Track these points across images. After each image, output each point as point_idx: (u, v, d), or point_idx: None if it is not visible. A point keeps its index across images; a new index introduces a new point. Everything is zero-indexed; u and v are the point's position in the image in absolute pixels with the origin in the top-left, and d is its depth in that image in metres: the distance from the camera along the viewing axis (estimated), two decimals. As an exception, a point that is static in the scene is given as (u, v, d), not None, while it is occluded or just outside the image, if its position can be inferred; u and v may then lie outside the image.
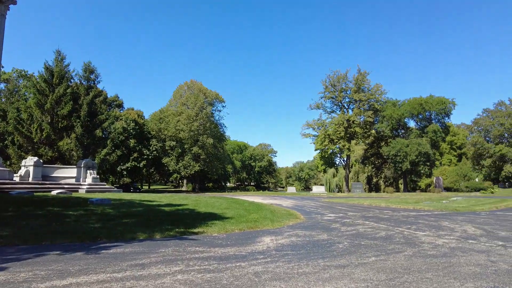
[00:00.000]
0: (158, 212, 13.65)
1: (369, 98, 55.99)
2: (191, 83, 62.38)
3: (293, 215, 14.46)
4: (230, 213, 14.09)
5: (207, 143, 54.51)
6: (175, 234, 8.33)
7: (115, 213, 12.51)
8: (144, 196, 23.28)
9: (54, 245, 6.45)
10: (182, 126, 54.29)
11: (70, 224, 9.67)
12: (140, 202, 17.93)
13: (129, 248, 6.04)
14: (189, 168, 53.94)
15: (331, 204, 23.58)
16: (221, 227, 9.71)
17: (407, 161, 52.10)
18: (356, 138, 57.82)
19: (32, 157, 24.29)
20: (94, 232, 8.10)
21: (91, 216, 11.40)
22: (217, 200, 21.27)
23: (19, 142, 29.62)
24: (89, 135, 31.95)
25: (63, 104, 30.74)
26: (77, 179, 25.54)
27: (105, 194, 22.71)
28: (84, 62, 34.15)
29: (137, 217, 11.54)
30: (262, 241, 7.21)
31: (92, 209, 13.18)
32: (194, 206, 16.79)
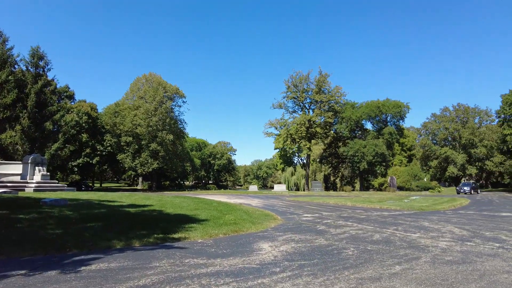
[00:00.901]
0: (124, 215, 12.40)
1: (330, 99, 57.34)
2: (150, 75, 59.46)
3: (270, 216, 13.93)
4: (203, 215, 13.22)
5: (166, 139, 52.20)
6: (155, 241, 7.36)
7: (76, 216, 11.09)
8: (102, 196, 21.41)
9: (13, 260, 5.24)
10: (140, 121, 51.46)
11: (24, 230, 8.26)
12: (100, 202, 16.39)
13: (114, 263, 5.03)
14: (146, 166, 51.32)
15: (299, 203, 23.47)
16: (203, 232, 8.87)
17: (365, 161, 54.16)
18: (316, 138, 58.94)
19: (-32, 151, 21.32)
20: (58, 240, 6.89)
21: (48, 220, 9.95)
22: (182, 200, 20.16)
23: (-50, 133, 25.91)
24: (37, 127, 28.80)
25: (6, 92, 27.37)
26: (23, 177, 22.83)
27: (58, 194, 20.54)
28: (32, 47, 30.72)
29: (102, 221, 10.29)
30: (262, 248, 6.51)
31: (47, 211, 11.61)
32: (160, 207, 15.66)
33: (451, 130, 74.57)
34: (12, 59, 29.87)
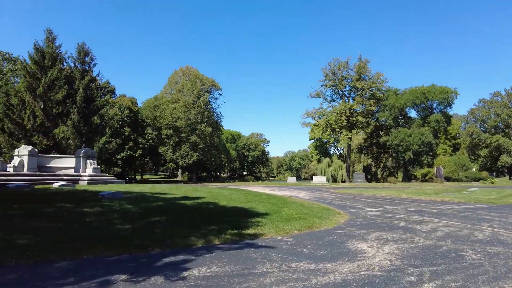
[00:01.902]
0: (182, 208, 12.10)
1: (371, 86, 54.83)
2: (187, 69, 59.86)
3: (331, 210, 13.10)
4: (260, 208, 12.64)
5: (205, 131, 52.51)
6: (233, 238, 6.82)
7: (137, 210, 10.90)
8: (152, 188, 21.55)
9: (102, 260, 4.86)
10: (179, 114, 52.07)
11: (94, 225, 8.06)
12: (153, 195, 16.34)
13: (213, 266, 4.46)
14: (187, 158, 51.98)
15: (349, 196, 22.39)
16: (275, 227, 8.25)
17: (410, 151, 51.41)
18: (357, 127, 56.79)
19: (26, 146, 22.19)
20: (133, 236, 6.53)
21: (112, 214, 9.78)
22: (231, 192, 19.80)
23: (9, 129, 27.21)
24: (85, 122, 29.69)
25: (57, 89, 28.35)
26: (76, 170, 23.56)
27: (109, 186, 20.92)
28: (78, 43, 31.57)
29: (164, 215, 9.97)
30: (362, 249, 5.74)
31: (108, 205, 11.54)
32: (213, 199, 15.31)
33: (504, 116, 69.04)
34: (61, 56, 30.85)
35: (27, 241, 6.03)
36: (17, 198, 11.93)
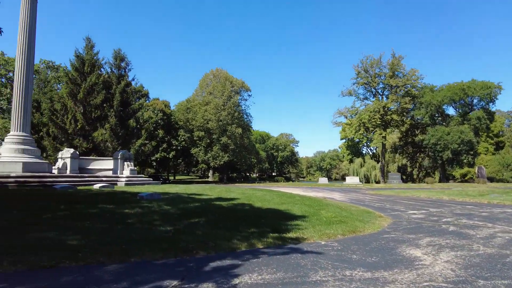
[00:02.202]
0: (218, 209, 12.09)
1: (405, 83, 52.80)
2: (217, 71, 60.68)
3: (371, 213, 12.61)
4: (296, 210, 12.38)
5: (236, 132, 52.94)
6: (275, 242, 6.66)
7: (175, 211, 11.01)
8: (186, 189, 21.86)
9: (149, 263, 4.86)
10: (210, 115, 52.87)
11: (137, 226, 8.19)
12: (189, 196, 16.52)
13: (264, 273, 4.31)
14: (218, 159, 52.66)
15: (387, 197, 21.57)
16: (316, 231, 7.99)
17: (449, 150, 48.93)
18: (391, 126, 54.91)
19: (69, 149, 23.30)
20: (175, 239, 6.53)
21: (152, 215, 9.92)
22: (264, 193, 19.66)
23: (54, 133, 28.80)
24: (122, 125, 30.80)
25: (96, 94, 29.66)
26: (114, 171, 24.44)
27: (146, 187, 21.47)
28: (114, 49, 32.94)
29: (202, 216, 9.98)
30: (417, 257, 5.37)
31: (147, 206, 11.76)
32: (247, 201, 15.23)
33: (554, 112, 64.07)
34: (98, 62, 32.21)
35: (77, 242, 6.20)
36: (63, 198, 12.43)
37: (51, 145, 28.25)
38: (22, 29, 20.64)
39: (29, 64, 20.89)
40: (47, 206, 10.49)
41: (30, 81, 21.19)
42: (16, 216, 8.75)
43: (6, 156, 19.27)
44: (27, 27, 20.66)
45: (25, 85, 20.48)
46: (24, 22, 20.65)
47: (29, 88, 21.02)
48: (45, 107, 29.75)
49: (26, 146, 20.14)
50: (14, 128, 20.27)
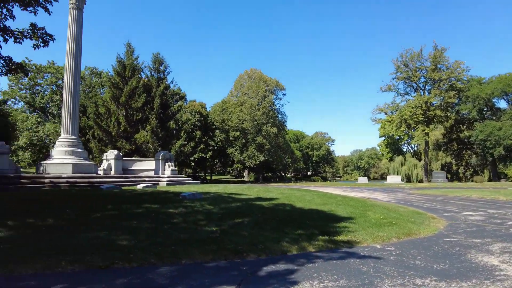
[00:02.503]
0: (260, 209, 11.89)
1: (449, 76, 49.73)
2: (251, 71, 60.85)
3: (422, 214, 11.84)
4: (340, 211, 11.89)
5: (271, 132, 52.78)
6: (327, 245, 6.33)
7: (218, 211, 10.96)
8: (225, 188, 21.94)
9: (200, 266, 4.75)
10: (245, 116, 53.14)
11: (182, 226, 8.19)
12: (229, 195, 16.51)
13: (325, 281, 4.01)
14: (253, 159, 52.79)
15: (435, 197, 20.31)
16: (368, 234, 7.55)
17: (501, 147, 45.41)
18: (434, 122, 51.99)
19: (113, 151, 24.28)
20: (226, 241, 6.39)
21: (196, 215, 9.93)
22: (304, 194, 19.24)
23: (98, 136, 30.30)
24: (162, 127, 31.75)
25: (137, 97, 30.79)
26: (156, 172, 25.16)
27: (187, 187, 21.83)
28: (153, 53, 34.05)
29: (246, 216, 9.83)
30: (494, 266, 4.82)
31: (190, 206, 11.83)
32: (287, 201, 14.94)
33: None
34: (138, 67, 33.39)
35: (127, 242, 6.25)
36: (110, 199, 12.85)
37: (97, 147, 29.71)
38: (70, 38, 21.78)
39: (76, 71, 22.00)
40: (96, 206, 10.87)
41: (77, 87, 22.32)
42: (69, 215, 9.10)
43: (57, 158, 20.42)
44: (74, 36, 21.77)
45: (73, 91, 21.59)
46: (71, 32, 21.78)
47: (77, 93, 22.14)
48: (91, 111, 31.38)
49: (75, 148, 21.22)
50: (64, 132, 21.44)
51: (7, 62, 9.36)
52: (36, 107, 53.58)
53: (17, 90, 53.10)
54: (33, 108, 54.02)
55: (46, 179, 17.78)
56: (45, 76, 54.01)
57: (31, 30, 9.26)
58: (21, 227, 7.45)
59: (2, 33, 8.76)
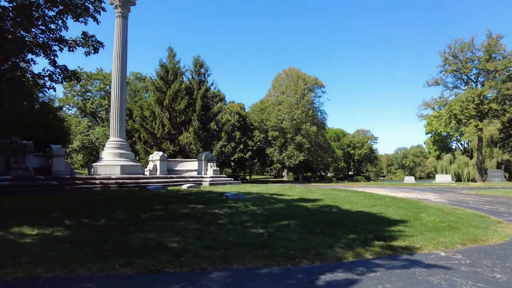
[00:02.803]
0: (305, 211, 11.54)
1: (507, 66, 45.65)
2: (289, 70, 60.31)
3: (485, 218, 10.82)
4: (391, 213, 11.21)
5: (310, 131, 51.91)
6: (384, 252, 5.88)
7: (262, 212, 10.78)
8: (266, 189, 21.76)
9: (253, 272, 4.56)
10: (284, 115, 52.73)
11: (229, 228, 8.09)
12: (271, 196, 16.30)
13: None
14: (293, 158, 52.24)
15: (495, 198, 18.66)
16: (430, 240, 6.95)
17: None
18: (489, 117, 48.07)
19: (158, 152, 25.09)
20: (276, 244, 6.16)
21: (241, 216, 9.82)
22: (349, 194, 18.54)
23: (144, 138, 31.58)
24: (204, 128, 32.39)
25: (179, 100, 31.69)
26: (199, 172, 25.63)
27: (229, 187, 21.98)
28: (194, 57, 34.96)
29: (292, 219, 9.54)
30: None
31: (234, 206, 11.79)
32: (332, 202, 14.43)
33: None
34: (180, 70, 34.32)
35: (177, 244, 6.24)
36: (157, 199, 13.16)
37: (143, 149, 30.96)
38: (116, 45, 22.81)
39: (122, 76, 22.99)
40: (144, 207, 11.16)
41: (124, 91, 23.33)
42: (119, 216, 9.39)
43: (107, 160, 21.46)
44: (120, 43, 22.76)
45: (120, 95, 22.58)
46: (118, 39, 22.79)
47: (123, 98, 23.14)
48: (136, 114, 32.81)
49: (123, 150, 22.17)
50: (112, 135, 22.49)
51: (63, 70, 9.93)
52: (87, 112, 57.19)
53: (71, 97, 57.13)
54: (84, 113, 57.73)
55: (97, 180, 18.73)
56: (94, 82, 57.56)
57: (83, 39, 9.74)
58: (77, 227, 7.77)
59: (58, 43, 9.29)
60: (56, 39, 9.24)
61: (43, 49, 9.31)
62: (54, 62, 9.86)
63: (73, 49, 9.65)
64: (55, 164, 18.28)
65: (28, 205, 11.04)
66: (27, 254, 5.32)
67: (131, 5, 23.55)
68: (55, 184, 16.09)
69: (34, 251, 5.51)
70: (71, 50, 9.66)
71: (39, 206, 10.88)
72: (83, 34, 9.69)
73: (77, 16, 9.81)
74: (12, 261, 4.87)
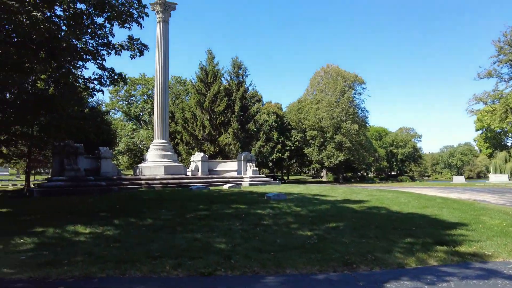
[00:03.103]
0: (353, 213, 11.02)
1: None
2: (328, 67, 58.94)
3: None
4: (446, 216, 10.38)
5: (351, 129, 50.30)
6: (451, 258, 5.32)
7: (307, 213, 10.44)
8: (307, 189, 21.27)
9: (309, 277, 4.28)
10: (323, 114, 51.57)
11: (274, 229, 7.86)
12: (313, 197, 15.87)
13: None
14: (333, 158, 50.91)
15: None
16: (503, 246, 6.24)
17: None
18: (551, 110, 43.70)
19: (199, 153, 25.52)
20: (328, 248, 5.81)
21: (285, 217, 9.55)
22: (396, 195, 17.58)
23: (186, 139, 32.37)
24: (242, 129, 32.57)
25: (219, 101, 32.14)
26: (238, 172, 25.73)
27: (268, 187, 21.78)
28: (232, 58, 35.41)
29: (340, 221, 9.10)
30: None
31: (278, 207, 11.54)
32: (380, 204, 13.72)
33: None
34: (219, 72, 34.78)
35: (224, 245, 6.10)
36: (200, 199, 13.26)
37: (185, 150, 31.73)
38: (158, 49, 23.52)
39: (165, 79, 23.65)
40: (188, 206, 11.25)
41: (166, 94, 24.00)
42: (165, 215, 9.50)
43: (151, 161, 22.15)
44: (162, 47, 23.44)
45: (163, 98, 23.25)
46: (159, 44, 23.49)
47: (166, 100, 23.80)
48: (178, 117, 33.71)
49: (166, 151, 22.77)
50: (156, 136, 23.20)
51: (110, 73, 10.31)
52: (131, 116, 59.96)
53: (116, 102, 60.28)
54: (129, 117, 60.56)
55: (142, 180, 19.37)
56: (137, 87, 60.24)
57: (128, 42, 10.03)
58: (125, 226, 7.93)
59: (106, 48, 9.65)
60: (104, 44, 9.61)
61: (93, 55, 9.71)
62: (102, 66, 10.26)
63: (119, 52, 9.98)
64: (103, 165, 19.16)
65: (81, 204, 11.58)
66: (81, 252, 5.44)
67: (171, 10, 24.18)
68: (104, 185, 16.82)
69: (88, 249, 5.64)
70: (117, 53, 10.00)
71: (90, 205, 11.37)
72: (129, 38, 9.99)
73: (122, 22, 10.11)
74: (69, 260, 4.99)
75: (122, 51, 10.10)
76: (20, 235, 6.69)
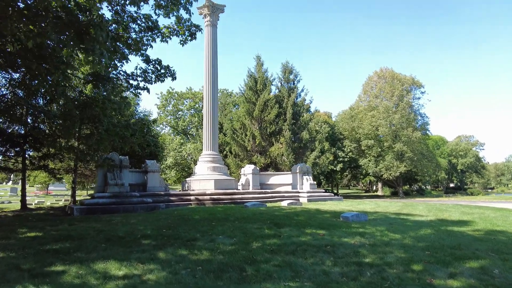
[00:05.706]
0: (473, 241, 8.04)
1: None
2: (381, 71, 54.62)
3: None
4: None
5: (413, 137, 45.36)
6: None
7: (414, 243, 7.62)
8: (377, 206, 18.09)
9: None
10: (380, 121, 47.23)
11: (388, 273, 5.17)
12: (397, 217, 12.93)
13: None
14: (392, 169, 46.05)
15: None
16: None
17: None
18: None
19: (250, 165, 23.34)
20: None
21: (391, 250, 6.84)
22: (499, 214, 14.13)
23: (235, 151, 30.48)
24: (295, 138, 29.99)
25: (269, 109, 30.01)
26: (293, 186, 23.03)
27: (333, 204, 18.89)
28: (282, 63, 33.21)
29: (471, 256, 6.24)
30: None
31: (367, 233, 8.84)
32: (490, 225, 11.15)
33: None
34: (268, 79, 32.77)
35: None
36: (261, 219, 10.87)
37: (234, 162, 29.77)
38: (206, 55, 22.11)
39: (214, 86, 22.01)
40: (250, 230, 8.89)
41: (215, 102, 22.30)
42: (224, 244, 7.18)
43: (200, 174, 20.32)
44: (210, 53, 21.97)
45: (212, 106, 21.57)
46: (208, 49, 22.06)
47: (215, 108, 22.07)
48: (227, 128, 32.01)
49: (216, 164, 20.85)
50: (205, 148, 21.43)
51: (156, 67, 8.37)
52: (179, 130, 60.06)
53: (164, 117, 60.90)
54: (176, 131, 60.73)
55: (191, 196, 17.48)
56: (185, 102, 60.55)
57: (176, 25, 8.04)
58: (174, 264, 5.63)
59: (150, 31, 7.71)
60: (148, 27, 7.68)
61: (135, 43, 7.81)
62: (147, 58, 8.37)
63: (166, 39, 8.03)
64: (150, 179, 17.59)
65: (122, 226, 9.68)
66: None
67: (220, 13, 22.68)
68: (150, 202, 15.13)
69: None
70: (164, 40, 8.05)
71: (133, 228, 9.40)
72: (177, 18, 7.98)
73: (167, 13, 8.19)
74: None
75: (170, 37, 8.13)
76: (27, 280, 4.68)
